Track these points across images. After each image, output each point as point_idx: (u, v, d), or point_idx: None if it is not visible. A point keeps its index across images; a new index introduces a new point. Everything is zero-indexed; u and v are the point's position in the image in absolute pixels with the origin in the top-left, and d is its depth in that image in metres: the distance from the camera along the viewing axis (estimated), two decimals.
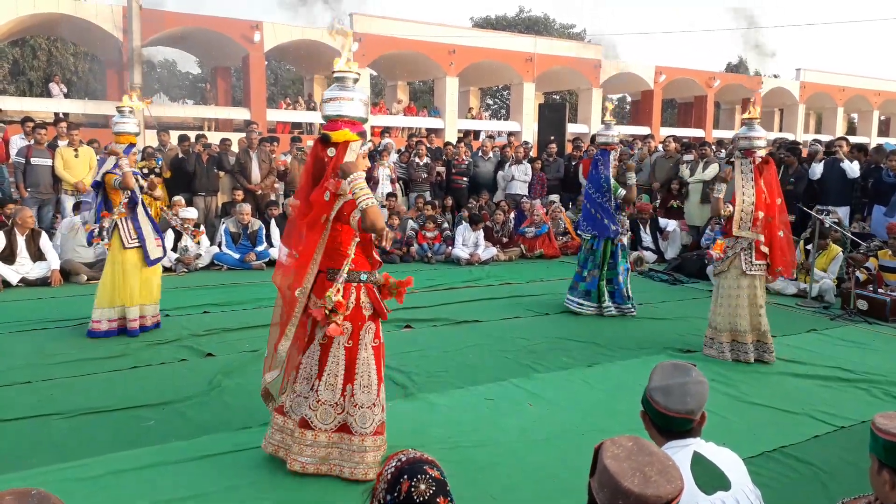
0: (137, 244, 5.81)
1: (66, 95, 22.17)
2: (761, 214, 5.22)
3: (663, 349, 5.64)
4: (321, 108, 3.40)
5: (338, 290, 3.23)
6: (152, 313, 5.96)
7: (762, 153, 5.29)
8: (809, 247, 7.92)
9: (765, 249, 5.26)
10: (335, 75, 3.38)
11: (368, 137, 11.02)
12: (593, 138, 8.50)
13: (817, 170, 9.55)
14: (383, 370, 3.46)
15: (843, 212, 9.24)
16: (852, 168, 9.34)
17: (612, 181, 6.83)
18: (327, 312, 3.20)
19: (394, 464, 1.56)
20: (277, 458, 3.41)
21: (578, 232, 7.09)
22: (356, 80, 3.39)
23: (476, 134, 25.79)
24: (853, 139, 13.77)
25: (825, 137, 21.95)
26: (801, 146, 10.54)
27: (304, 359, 3.39)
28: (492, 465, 3.50)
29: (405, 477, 1.51)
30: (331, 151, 3.32)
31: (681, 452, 1.94)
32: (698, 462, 1.93)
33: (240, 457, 3.54)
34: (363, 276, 3.38)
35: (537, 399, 4.44)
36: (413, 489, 1.49)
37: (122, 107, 5.80)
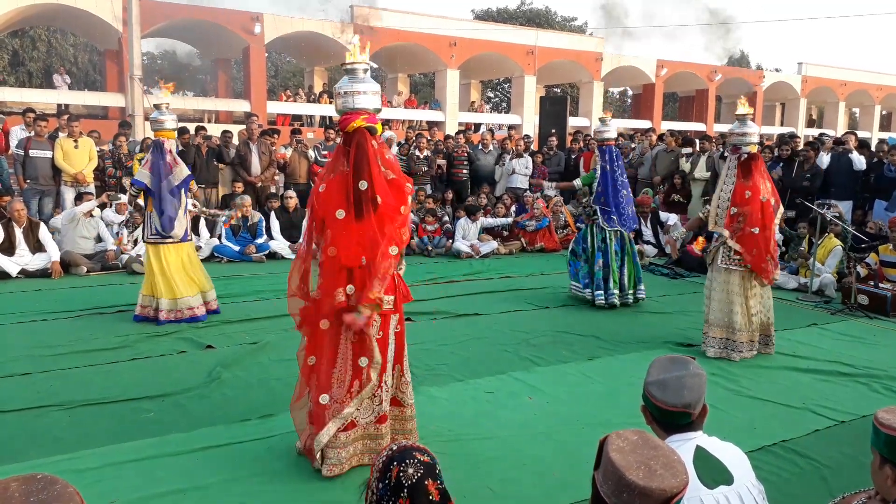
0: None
1: (69, 87, 22.10)
2: (734, 210, 5.18)
3: (663, 343, 5.64)
4: (336, 101, 3.34)
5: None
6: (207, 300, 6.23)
7: (751, 149, 5.19)
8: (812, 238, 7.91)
9: (735, 246, 5.15)
10: (346, 67, 3.33)
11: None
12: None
13: (824, 160, 9.58)
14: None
15: (845, 206, 9.23)
16: (860, 160, 9.36)
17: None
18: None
19: (385, 453, 1.59)
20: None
21: (601, 224, 6.98)
22: (366, 71, 3.34)
23: (476, 127, 25.75)
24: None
25: (828, 132, 21.88)
26: (819, 141, 10.47)
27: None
28: (491, 458, 3.50)
29: (395, 463, 1.54)
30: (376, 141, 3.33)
31: (683, 447, 1.92)
32: (701, 456, 1.92)
33: (239, 449, 3.54)
34: None
35: (537, 392, 4.43)
36: (402, 473, 1.51)
37: (160, 104, 5.98)
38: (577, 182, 7.39)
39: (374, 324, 3.27)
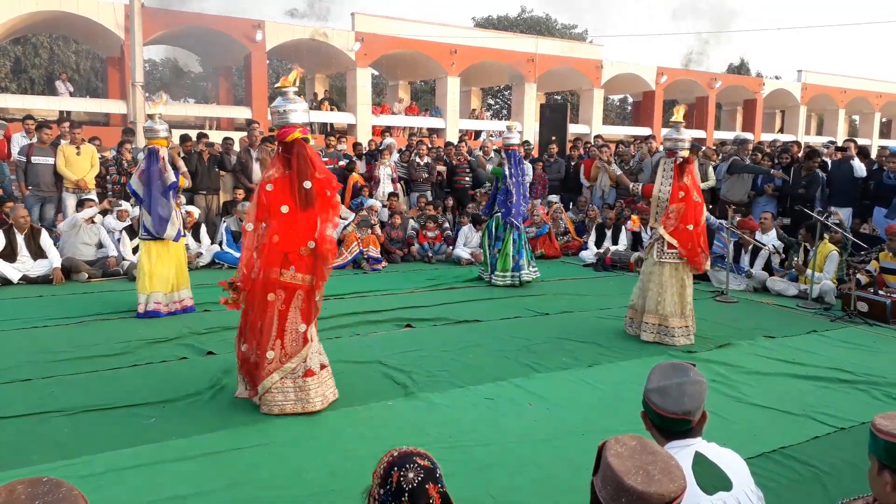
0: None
1: (71, 94, 22.14)
2: (672, 208, 5.71)
3: (663, 350, 5.64)
4: (272, 118, 4.12)
5: None
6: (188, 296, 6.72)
7: (685, 154, 5.74)
8: (808, 245, 7.94)
9: (672, 240, 5.72)
10: (279, 90, 4.16)
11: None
12: (588, 138, 8.65)
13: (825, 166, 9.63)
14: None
15: (845, 213, 9.25)
16: (860, 167, 9.39)
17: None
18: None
19: (386, 459, 1.60)
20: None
21: (510, 219, 8.19)
22: (296, 93, 4.19)
23: (476, 134, 25.79)
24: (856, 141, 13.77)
25: (820, 139, 21.91)
26: (818, 152, 10.48)
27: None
28: (492, 465, 3.50)
29: (395, 468, 1.56)
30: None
31: (682, 453, 1.93)
32: (700, 462, 1.93)
33: (240, 455, 3.55)
34: None
35: (537, 399, 4.44)
36: (402, 478, 1.53)
37: (152, 113, 6.40)
38: (489, 168, 8.38)
39: (299, 294, 4.04)
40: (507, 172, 8.19)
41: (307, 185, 3.96)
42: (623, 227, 10.18)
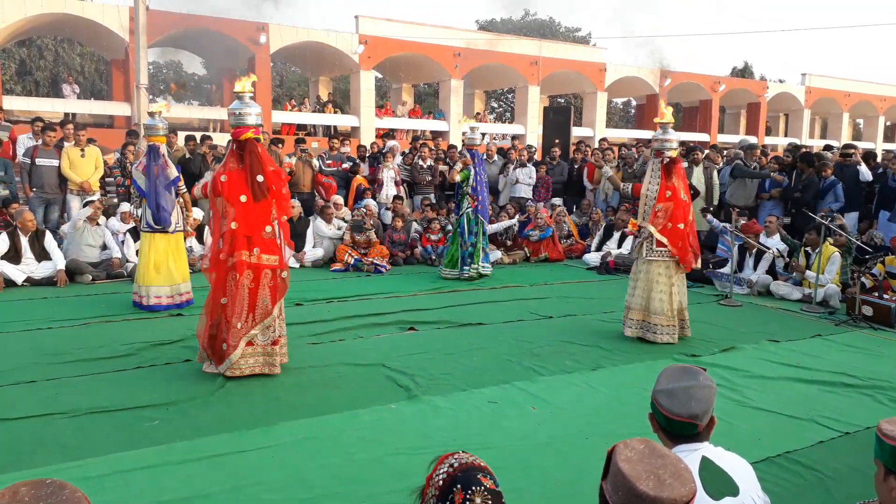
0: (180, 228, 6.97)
1: (78, 96, 22.21)
2: (659, 207, 5.80)
3: (667, 354, 5.63)
4: (230, 119, 4.67)
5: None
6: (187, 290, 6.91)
7: (672, 154, 5.83)
8: (808, 248, 7.92)
9: (662, 238, 5.80)
10: (236, 94, 4.74)
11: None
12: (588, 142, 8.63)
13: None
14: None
15: (851, 217, 9.23)
16: (866, 171, 9.39)
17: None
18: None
19: (445, 469, 1.46)
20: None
21: (479, 215, 8.72)
22: (251, 97, 4.77)
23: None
24: (859, 145, 13.80)
25: (833, 143, 21.86)
26: (813, 153, 10.47)
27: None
28: (495, 468, 3.41)
29: (458, 486, 1.40)
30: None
31: (689, 457, 1.92)
32: (707, 467, 1.92)
33: (243, 457, 3.55)
34: None
35: (541, 402, 4.43)
36: (468, 501, 1.38)
37: (153, 111, 6.78)
38: (458, 177, 8.79)
39: (268, 273, 4.71)
40: (472, 171, 8.66)
41: (259, 178, 4.59)
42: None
